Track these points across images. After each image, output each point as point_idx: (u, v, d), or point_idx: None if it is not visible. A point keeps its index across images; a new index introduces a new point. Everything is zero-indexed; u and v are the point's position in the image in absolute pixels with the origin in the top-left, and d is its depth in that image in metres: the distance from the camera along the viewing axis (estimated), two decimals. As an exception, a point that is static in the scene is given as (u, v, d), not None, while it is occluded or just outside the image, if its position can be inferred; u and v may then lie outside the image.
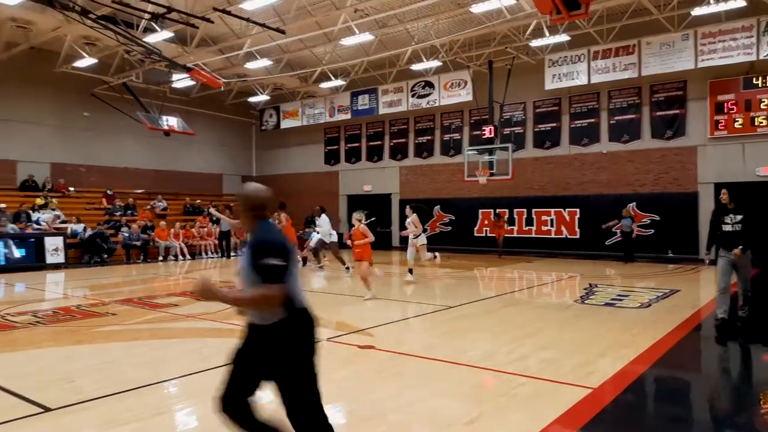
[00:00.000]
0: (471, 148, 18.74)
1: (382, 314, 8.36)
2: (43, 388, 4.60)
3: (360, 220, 9.89)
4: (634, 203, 17.37)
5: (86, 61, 18.05)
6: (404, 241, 23.07)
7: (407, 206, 12.97)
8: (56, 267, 15.08)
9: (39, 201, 17.46)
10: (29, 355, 5.91)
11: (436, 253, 12.67)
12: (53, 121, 20.05)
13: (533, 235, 19.57)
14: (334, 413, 4.10)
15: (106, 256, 16.35)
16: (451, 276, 13.39)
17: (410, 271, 12.22)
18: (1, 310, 8.47)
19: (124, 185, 21.41)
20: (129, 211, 19.46)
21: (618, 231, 16.78)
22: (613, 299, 9.31)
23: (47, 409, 4.11)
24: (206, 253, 19.16)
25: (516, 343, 6.15)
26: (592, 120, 18.60)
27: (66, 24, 15.74)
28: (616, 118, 18.14)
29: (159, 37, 15.99)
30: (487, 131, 17.44)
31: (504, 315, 8.21)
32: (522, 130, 20.00)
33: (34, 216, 16.79)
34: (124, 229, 17.32)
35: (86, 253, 16.26)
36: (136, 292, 10.28)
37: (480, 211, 20.73)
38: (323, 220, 14.21)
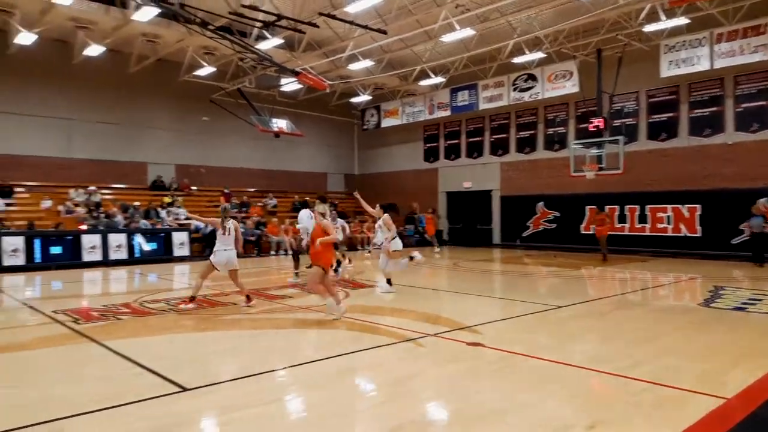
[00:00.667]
0: (577, 141, 17.95)
1: (485, 311, 8.29)
2: (180, 370, 5.08)
3: (323, 215, 7.78)
4: (766, 199, 15.72)
5: (205, 70, 19.54)
6: (507, 237, 22.79)
7: (377, 205, 11.04)
8: (182, 259, 16.52)
9: (167, 199, 19.21)
10: (166, 339, 6.55)
11: (415, 253, 11.23)
12: (177, 125, 21.94)
13: (647, 233, 18.35)
14: (444, 410, 4.17)
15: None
16: (557, 275, 12.93)
17: (388, 281, 10.04)
18: (140, 297, 9.44)
19: (238, 184, 22.93)
20: (244, 209, 20.83)
21: (747, 230, 15.27)
22: (743, 303, 8.52)
23: (184, 389, 4.54)
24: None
25: (632, 347, 5.84)
26: (716, 108, 17.08)
27: (188, 36, 17.15)
28: (744, 105, 16.52)
29: (270, 44, 16.90)
30: (596, 124, 16.60)
31: (617, 317, 7.81)
32: (634, 122, 18.82)
33: (174, 211, 18.52)
34: (240, 225, 18.56)
35: (208, 247, 17.61)
36: (253, 284, 10.99)
37: (587, 207, 19.79)
38: (303, 216, 11.72)
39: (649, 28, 15.71)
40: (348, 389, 4.76)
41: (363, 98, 24.18)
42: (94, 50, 17.27)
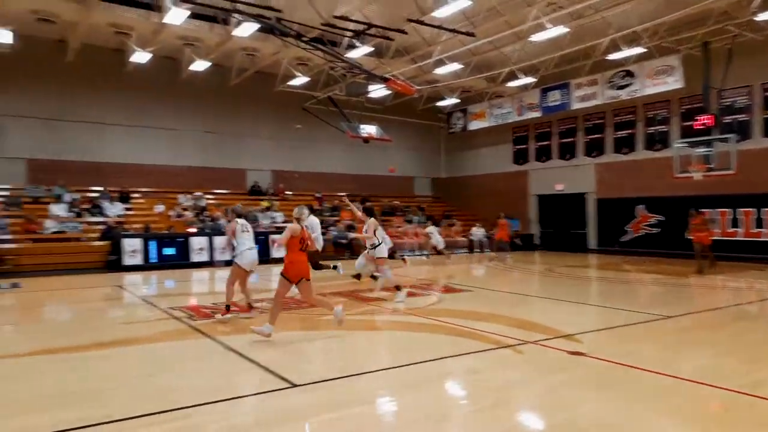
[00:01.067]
0: (682, 141, 16.85)
1: (584, 319, 8.02)
2: (288, 367, 5.36)
3: (299, 219, 6.82)
4: None
5: (299, 80, 20.39)
6: (605, 242, 21.73)
7: (360, 204, 10.61)
8: (279, 261, 17.28)
9: (264, 203, 20.23)
10: (272, 337, 6.91)
11: (405, 257, 10.95)
12: (273, 133, 23.08)
13: (763, 239, 16.84)
14: (550, 421, 4.10)
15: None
16: (662, 283, 12.20)
17: (357, 276, 10.70)
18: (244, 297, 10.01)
19: (329, 189, 23.69)
20: (335, 212, 21.48)
21: None
22: None
23: (294, 385, 4.79)
24: (411, 251, 20.13)
25: (756, 363, 5.41)
26: None
27: (283, 48, 17.99)
28: None
29: (359, 52, 17.33)
30: (703, 121, 15.50)
31: (733, 330, 7.26)
32: (747, 118, 17.37)
33: (271, 215, 19.62)
34: (332, 228, 19.19)
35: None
36: (347, 286, 11.32)
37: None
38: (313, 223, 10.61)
39: (763, 16, 14.46)
40: (447, 393, 4.81)
41: (449, 101, 24.13)
42: (199, 65, 18.61)
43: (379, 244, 9.86)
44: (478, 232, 22.54)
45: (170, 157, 20.76)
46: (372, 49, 17.69)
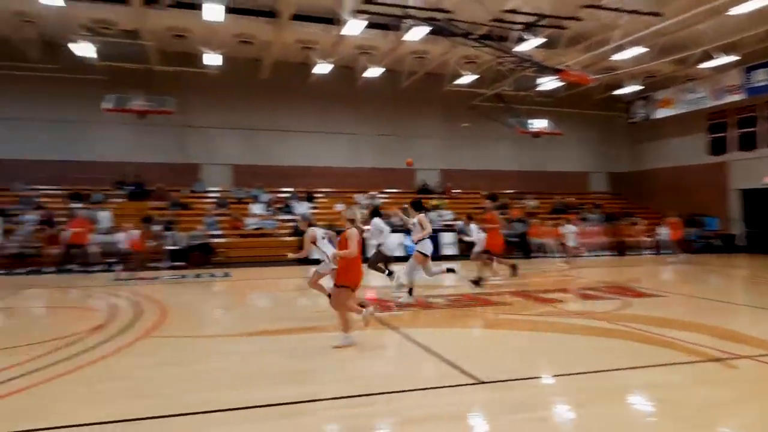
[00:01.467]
0: None
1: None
2: (473, 362, 5.42)
3: (352, 221, 6.26)
4: None
5: (466, 78, 20.48)
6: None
7: (406, 204, 9.42)
8: (450, 258, 17.58)
9: (433, 202, 20.72)
10: (454, 333, 7.09)
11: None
12: (441, 132, 23.55)
13: None
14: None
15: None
16: None
17: (410, 291, 9.08)
18: (423, 293, 10.37)
19: (497, 186, 23.40)
20: (503, 210, 21.15)
21: None
22: None
23: (480, 381, 4.85)
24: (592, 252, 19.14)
25: None
26: None
27: (452, 48, 18.22)
28: None
29: (530, 45, 16.82)
30: None
31: None
32: None
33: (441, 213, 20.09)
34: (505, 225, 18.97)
35: (468, 247, 18.40)
36: (522, 285, 11.11)
37: None
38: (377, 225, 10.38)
39: None
40: (639, 407, 4.46)
41: (630, 89, 22.23)
42: (372, 72, 19.70)
43: (423, 239, 8.99)
44: (664, 232, 20.43)
45: (348, 159, 22.35)
46: (543, 40, 17.03)
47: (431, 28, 15.49)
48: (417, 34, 15.96)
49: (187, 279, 13.30)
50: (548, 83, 20.99)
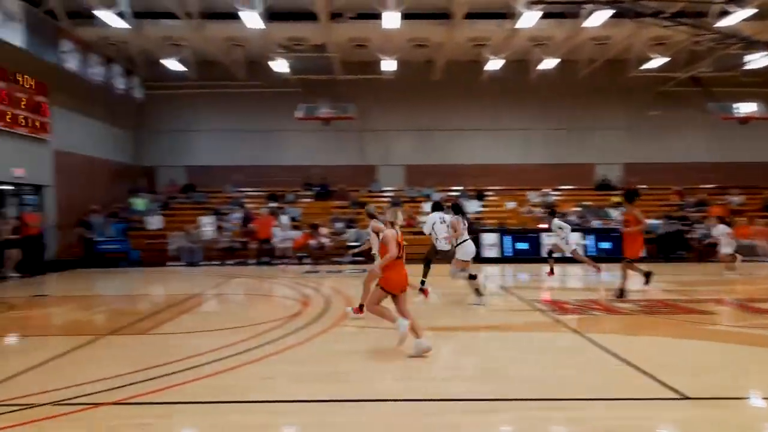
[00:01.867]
0: None
1: None
2: (672, 375, 4.91)
3: (393, 223, 6.05)
4: None
5: (655, 62, 18.61)
6: None
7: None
8: (641, 260, 16.05)
9: (615, 199, 19.19)
10: (646, 341, 6.50)
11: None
12: (623, 123, 21.76)
13: None
14: None
15: (682, 252, 16.59)
16: None
17: (477, 291, 8.66)
18: (604, 296, 9.72)
19: (691, 181, 20.88)
20: (701, 207, 18.83)
21: None
22: None
23: (685, 397, 4.38)
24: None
25: None
26: None
27: (637, 30, 16.69)
28: None
29: (735, 18, 14.71)
30: None
31: None
32: None
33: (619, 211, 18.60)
34: (698, 225, 16.89)
35: (661, 249, 16.75)
36: (726, 293, 9.79)
37: None
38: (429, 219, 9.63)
39: None
40: None
41: None
42: (547, 64, 18.89)
43: (463, 241, 8.72)
44: None
45: (519, 156, 21.74)
46: (753, 11, 14.75)
47: (615, 11, 14.36)
48: (599, 19, 14.94)
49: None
50: (758, 60, 18.10)
